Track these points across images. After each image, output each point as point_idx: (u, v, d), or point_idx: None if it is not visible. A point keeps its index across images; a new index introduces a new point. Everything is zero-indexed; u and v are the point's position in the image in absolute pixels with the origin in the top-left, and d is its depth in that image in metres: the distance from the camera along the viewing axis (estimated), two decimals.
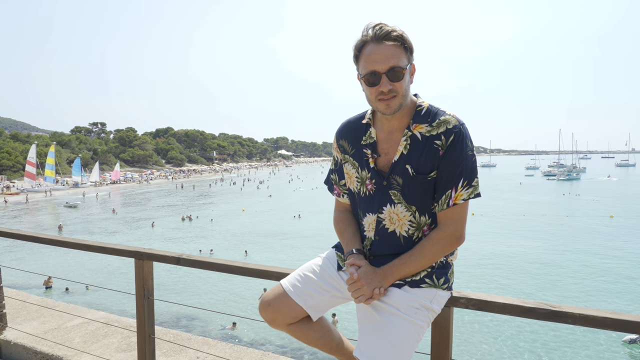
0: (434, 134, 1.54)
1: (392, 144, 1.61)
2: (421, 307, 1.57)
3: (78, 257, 26.81)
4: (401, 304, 1.56)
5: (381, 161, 1.64)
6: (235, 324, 16.98)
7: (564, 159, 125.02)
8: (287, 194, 68.54)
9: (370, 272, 1.58)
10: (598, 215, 44.77)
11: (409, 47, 1.52)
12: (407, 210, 1.60)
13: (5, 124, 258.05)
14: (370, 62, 1.50)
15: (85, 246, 2.73)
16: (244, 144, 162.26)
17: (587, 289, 21.89)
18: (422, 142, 1.56)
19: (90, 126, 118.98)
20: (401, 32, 1.50)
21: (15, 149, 78.03)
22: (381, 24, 1.50)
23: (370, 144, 1.66)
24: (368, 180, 1.66)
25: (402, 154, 1.58)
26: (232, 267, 2.18)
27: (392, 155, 1.61)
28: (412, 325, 1.54)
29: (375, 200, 1.65)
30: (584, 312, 1.49)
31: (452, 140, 1.52)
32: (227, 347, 3.11)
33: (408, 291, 1.58)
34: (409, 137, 1.58)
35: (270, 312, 1.72)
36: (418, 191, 1.57)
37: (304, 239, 33.43)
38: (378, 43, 1.49)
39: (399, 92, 1.51)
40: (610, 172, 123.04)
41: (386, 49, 1.48)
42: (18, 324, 3.57)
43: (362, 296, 1.56)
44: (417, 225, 1.61)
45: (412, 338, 1.54)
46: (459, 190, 1.54)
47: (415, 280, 1.59)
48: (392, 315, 1.55)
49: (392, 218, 1.62)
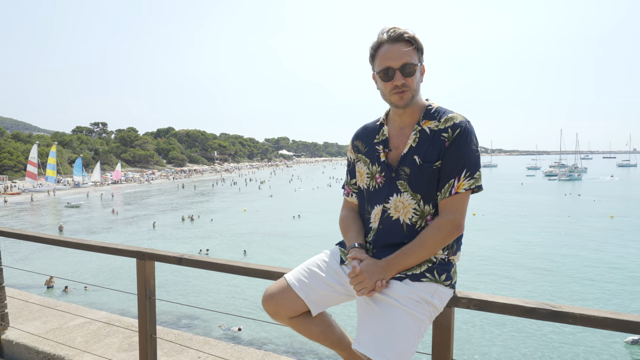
0: (442, 127, 1.65)
1: (403, 139, 1.73)
2: (421, 301, 1.58)
3: (79, 257, 26.85)
4: (401, 295, 1.58)
5: (391, 155, 1.74)
6: (240, 329, 16.76)
7: (565, 159, 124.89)
8: (288, 194, 68.56)
9: (372, 264, 1.61)
10: (599, 215, 44.75)
11: (419, 47, 1.68)
12: (412, 198, 1.67)
13: (6, 124, 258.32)
14: (385, 59, 1.65)
15: (87, 246, 2.74)
16: (245, 144, 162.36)
17: (589, 289, 21.87)
18: (430, 135, 1.67)
19: (91, 126, 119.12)
20: (413, 34, 1.66)
21: (16, 149, 78.12)
22: (395, 27, 1.66)
23: (382, 141, 1.77)
24: (378, 174, 1.75)
25: (411, 146, 1.69)
26: (234, 267, 2.19)
27: (402, 148, 1.72)
28: (412, 318, 1.55)
29: (383, 192, 1.73)
30: (584, 312, 1.49)
31: (458, 133, 1.62)
32: (228, 347, 3.12)
33: (409, 284, 1.60)
34: (418, 131, 1.69)
35: (272, 304, 1.75)
36: (424, 179, 1.65)
37: (304, 240, 33.45)
38: (392, 43, 1.64)
39: (411, 87, 1.65)
40: (613, 172, 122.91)
41: (399, 48, 1.63)
42: (20, 324, 3.58)
43: (365, 289, 1.58)
44: (421, 213, 1.67)
45: (412, 330, 1.54)
46: (461, 180, 1.61)
47: (416, 274, 1.61)
48: (392, 307, 1.56)
49: (398, 206, 1.69)
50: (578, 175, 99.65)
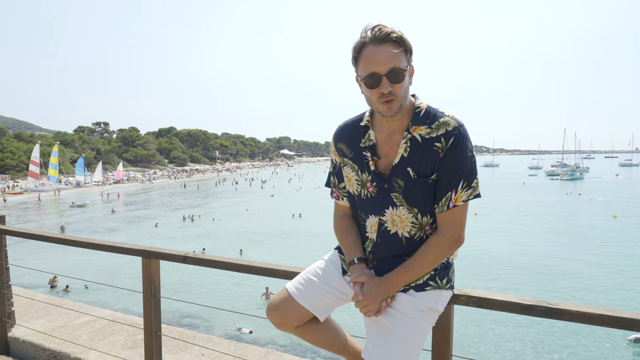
0: (434, 136, 1.53)
1: (392, 146, 1.60)
2: (427, 310, 1.60)
3: (79, 257, 26.94)
4: (408, 308, 1.58)
5: (382, 163, 1.63)
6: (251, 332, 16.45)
7: (567, 158, 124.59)
8: (289, 193, 68.60)
9: (374, 286, 1.58)
10: (601, 214, 44.67)
11: (408, 48, 1.51)
12: (409, 212, 1.60)
13: (9, 124, 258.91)
14: (370, 63, 1.48)
15: (93, 245, 2.79)
16: (247, 143, 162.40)
17: (590, 287, 21.84)
18: (422, 144, 1.55)
19: (93, 126, 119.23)
20: (401, 34, 1.48)
21: (19, 148, 78.37)
22: (380, 25, 1.48)
23: (369, 147, 1.64)
24: (369, 182, 1.64)
25: (403, 156, 1.57)
26: (238, 265, 2.22)
27: (393, 157, 1.60)
28: (419, 329, 1.58)
29: (377, 202, 1.64)
30: (581, 310, 1.52)
31: (452, 142, 1.51)
32: (231, 344, 3.16)
33: (414, 295, 1.60)
34: (408, 139, 1.57)
35: (277, 315, 1.75)
36: (420, 194, 1.57)
37: (306, 239, 33.47)
38: (378, 45, 1.47)
39: (398, 95, 1.49)
40: (617, 172, 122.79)
41: (386, 51, 1.46)
42: (26, 322, 3.63)
43: (370, 312, 1.59)
44: (420, 225, 1.62)
45: (419, 341, 1.58)
46: (459, 192, 1.53)
47: (419, 284, 1.61)
48: (400, 319, 1.57)
49: (395, 220, 1.62)
50: (580, 174, 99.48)
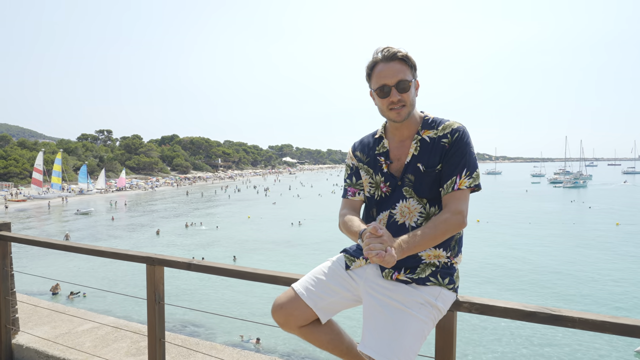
0: (441, 134, 1.76)
1: (404, 150, 1.81)
2: (426, 303, 1.65)
3: (82, 264, 26.97)
4: (406, 299, 1.65)
5: (394, 166, 1.83)
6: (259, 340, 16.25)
7: (570, 166, 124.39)
8: (291, 201, 68.59)
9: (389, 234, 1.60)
10: (604, 222, 44.50)
11: (412, 64, 1.77)
12: (418, 203, 1.76)
13: (12, 132, 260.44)
14: (381, 77, 1.74)
15: (98, 252, 2.81)
16: (249, 151, 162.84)
17: (593, 295, 21.72)
18: (430, 143, 1.76)
19: (96, 133, 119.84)
20: (405, 53, 1.76)
21: (22, 156, 78.78)
22: (388, 47, 1.75)
23: (383, 153, 1.85)
24: (382, 183, 1.83)
25: (414, 155, 1.78)
26: (242, 272, 2.24)
27: (404, 159, 1.80)
28: (416, 320, 1.61)
29: (390, 199, 1.81)
30: (583, 316, 1.53)
31: (457, 136, 1.73)
32: (234, 352, 3.16)
33: (414, 287, 1.69)
34: (418, 140, 1.78)
35: (282, 314, 1.79)
36: (428, 184, 1.74)
37: (308, 247, 33.43)
38: (387, 62, 1.74)
39: (407, 102, 1.74)
40: (622, 179, 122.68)
41: (394, 66, 1.73)
42: (30, 329, 3.63)
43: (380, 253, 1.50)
44: (427, 215, 1.75)
45: (416, 332, 1.59)
46: (462, 178, 1.70)
47: (421, 278, 1.69)
48: (397, 310, 1.63)
49: (404, 212, 1.77)
50: (583, 182, 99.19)
